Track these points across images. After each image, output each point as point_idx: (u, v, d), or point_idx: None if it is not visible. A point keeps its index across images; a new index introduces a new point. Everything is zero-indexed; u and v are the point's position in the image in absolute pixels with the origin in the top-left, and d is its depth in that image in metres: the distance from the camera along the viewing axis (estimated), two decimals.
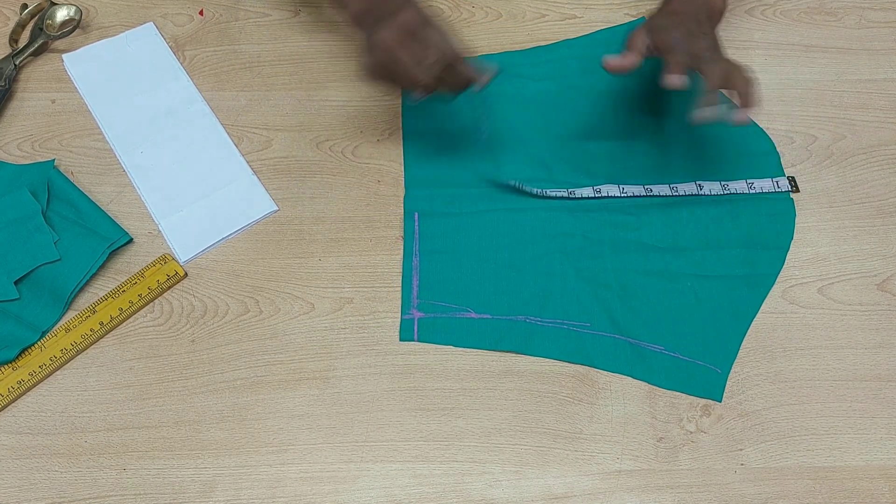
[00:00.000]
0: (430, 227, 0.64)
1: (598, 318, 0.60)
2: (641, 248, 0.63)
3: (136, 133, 0.68)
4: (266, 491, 0.54)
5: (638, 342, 0.59)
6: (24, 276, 0.61)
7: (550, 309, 0.61)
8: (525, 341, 0.59)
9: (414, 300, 0.61)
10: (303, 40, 0.74)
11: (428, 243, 0.63)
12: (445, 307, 0.61)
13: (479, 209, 0.65)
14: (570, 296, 0.61)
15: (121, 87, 0.71)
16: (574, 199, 0.65)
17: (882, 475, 0.55)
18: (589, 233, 0.64)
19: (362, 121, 0.70)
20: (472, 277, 0.62)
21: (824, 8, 0.77)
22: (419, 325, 0.60)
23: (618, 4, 0.77)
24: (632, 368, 0.58)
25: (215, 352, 0.59)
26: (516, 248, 0.63)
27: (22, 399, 0.57)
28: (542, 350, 0.59)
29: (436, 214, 0.64)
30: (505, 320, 0.60)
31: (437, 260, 0.62)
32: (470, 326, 0.60)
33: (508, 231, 0.64)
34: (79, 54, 0.72)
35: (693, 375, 0.58)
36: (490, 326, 0.60)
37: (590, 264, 0.62)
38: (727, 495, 0.54)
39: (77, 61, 0.72)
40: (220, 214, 0.64)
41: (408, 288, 0.61)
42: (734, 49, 0.75)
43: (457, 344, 0.59)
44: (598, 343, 0.59)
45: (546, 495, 0.54)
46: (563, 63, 0.72)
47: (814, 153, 0.69)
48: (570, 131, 0.68)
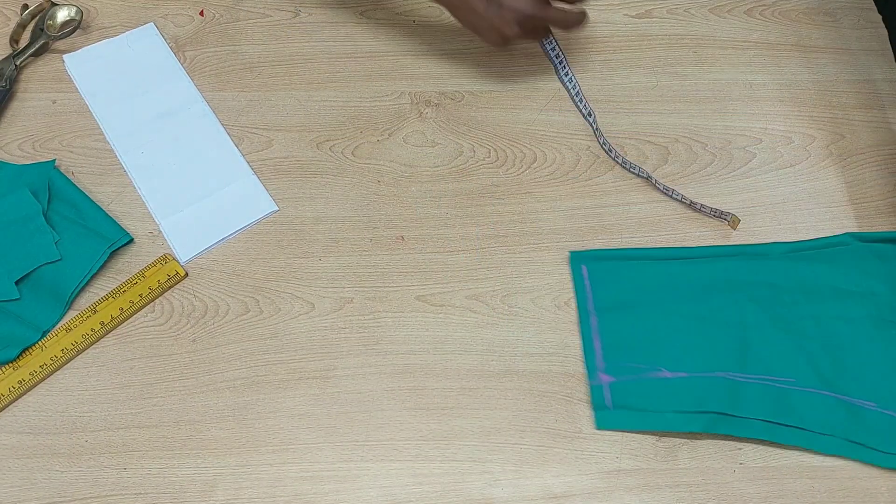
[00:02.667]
0: (601, 276, 0.60)
1: (803, 372, 0.56)
2: (836, 293, 0.59)
3: (137, 133, 0.68)
4: (266, 490, 0.54)
5: (848, 398, 0.55)
6: (24, 276, 0.61)
7: (751, 363, 0.56)
8: (731, 401, 0.55)
9: (599, 363, 0.57)
10: (303, 40, 0.75)
11: (603, 297, 0.59)
12: (635, 367, 0.56)
13: (649, 255, 0.61)
14: (769, 348, 0.57)
15: (121, 87, 0.71)
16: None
17: (881, 474, 0.55)
18: (776, 280, 0.59)
19: (362, 121, 0.70)
20: (657, 333, 0.57)
21: (823, 8, 0.77)
22: (611, 390, 0.55)
23: (617, 4, 0.77)
24: (845, 430, 0.54)
25: (216, 351, 0.59)
26: (700, 298, 0.59)
27: (22, 399, 0.57)
28: (750, 410, 0.54)
29: (604, 258, 0.61)
30: (704, 378, 0.55)
31: (616, 317, 0.58)
32: (666, 387, 0.55)
33: (688, 280, 0.59)
34: (79, 55, 0.72)
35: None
36: (688, 386, 0.55)
37: (784, 312, 0.58)
38: (726, 494, 0.54)
39: (78, 62, 0.72)
40: (220, 214, 0.65)
41: (590, 350, 0.57)
42: (733, 49, 0.75)
43: (656, 409, 0.55)
44: (806, 401, 0.55)
45: (546, 494, 0.54)
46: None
47: (812, 153, 0.69)
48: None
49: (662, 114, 0.71)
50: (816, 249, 0.62)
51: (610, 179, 0.67)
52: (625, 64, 0.74)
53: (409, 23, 0.76)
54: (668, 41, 0.75)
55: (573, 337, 0.60)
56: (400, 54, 0.74)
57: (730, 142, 0.70)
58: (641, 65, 0.74)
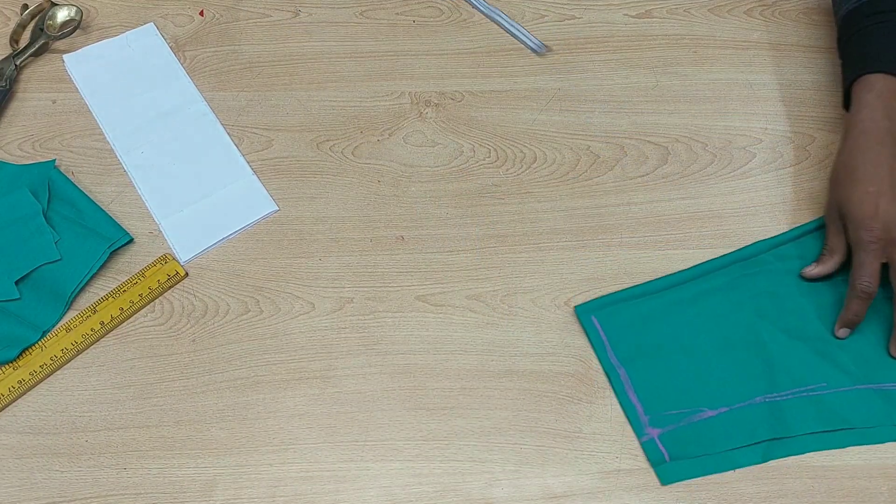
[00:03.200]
0: (613, 324, 0.59)
1: (830, 373, 0.57)
2: (832, 284, 0.60)
3: (137, 133, 0.68)
4: (266, 490, 0.54)
5: (879, 386, 0.56)
6: (24, 276, 0.61)
7: (782, 380, 0.57)
8: (778, 423, 0.55)
9: (642, 417, 0.56)
10: (303, 40, 0.75)
11: (622, 347, 0.58)
12: (678, 414, 0.56)
13: (650, 289, 0.61)
14: (792, 360, 0.57)
15: (122, 87, 0.71)
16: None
17: (881, 474, 0.55)
18: (773, 287, 0.61)
19: (362, 121, 0.70)
20: (686, 373, 0.58)
21: (823, 8, 0.77)
22: (662, 442, 0.55)
23: (617, 4, 0.77)
24: (888, 415, 0.55)
25: (216, 351, 0.59)
26: (712, 327, 0.59)
27: (22, 398, 0.57)
28: (797, 427, 0.55)
29: (609, 304, 0.60)
30: (745, 407, 0.56)
31: (642, 366, 0.58)
32: (714, 427, 0.55)
33: (697, 310, 0.60)
34: (80, 55, 0.73)
35: None
36: (733, 419, 0.56)
37: (793, 320, 0.59)
38: (726, 494, 0.54)
39: (78, 62, 0.72)
40: (220, 214, 0.65)
41: (629, 405, 0.57)
42: (733, 49, 0.75)
43: (712, 451, 0.55)
44: (843, 400, 0.56)
45: (545, 494, 0.54)
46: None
47: (812, 153, 0.69)
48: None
49: (662, 114, 0.71)
50: (796, 240, 0.63)
51: (610, 179, 0.67)
52: (625, 64, 0.74)
53: (409, 23, 0.76)
54: (668, 41, 0.75)
55: (573, 337, 0.60)
56: (400, 54, 0.74)
57: (730, 142, 0.70)
58: (641, 65, 0.74)
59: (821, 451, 0.55)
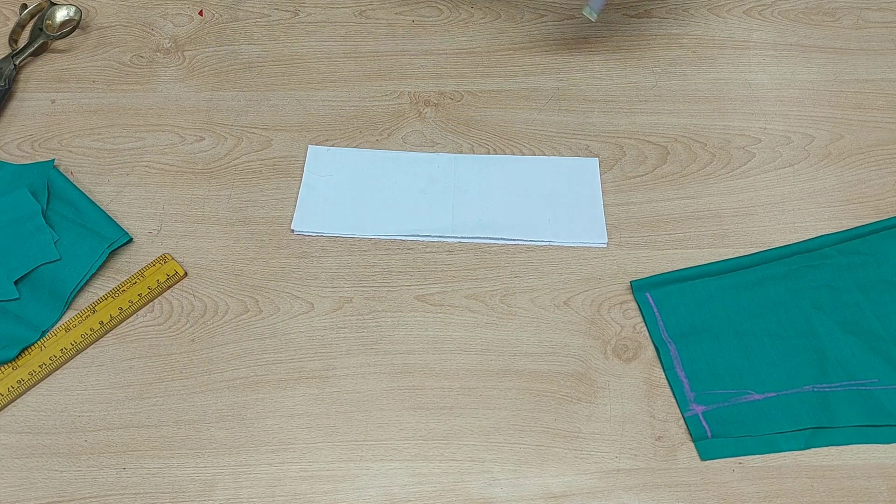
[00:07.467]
0: (667, 301, 0.60)
1: (882, 370, 0.57)
2: (891, 286, 0.60)
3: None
4: (266, 490, 0.54)
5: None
6: (24, 276, 0.61)
7: (833, 372, 0.57)
8: (824, 413, 0.56)
9: (688, 393, 0.57)
10: (302, 40, 0.75)
11: (674, 324, 0.59)
12: (724, 394, 0.57)
13: (707, 271, 0.62)
14: (845, 353, 0.58)
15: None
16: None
17: (880, 474, 0.55)
18: (832, 280, 0.61)
19: (362, 121, 0.70)
20: (736, 355, 0.58)
21: (822, 8, 0.77)
22: (706, 419, 0.56)
23: (617, 4, 0.78)
24: None
25: (215, 351, 0.59)
26: (766, 313, 0.60)
27: (22, 398, 0.57)
28: (843, 419, 0.55)
29: (665, 283, 0.61)
30: (792, 395, 0.56)
31: (693, 344, 0.58)
32: (759, 410, 0.56)
33: (751, 295, 0.60)
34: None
35: None
36: (780, 405, 0.56)
37: (849, 314, 0.59)
38: (725, 494, 0.54)
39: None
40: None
41: (676, 381, 0.57)
42: (732, 49, 0.75)
43: (754, 432, 0.55)
44: (895, 398, 0.56)
45: (545, 494, 0.54)
46: None
47: (811, 153, 0.69)
48: None
49: (661, 113, 0.71)
50: (862, 238, 0.63)
51: (610, 179, 0.67)
52: (624, 64, 0.74)
53: (409, 23, 0.76)
54: (668, 41, 0.76)
55: (572, 337, 0.60)
56: (400, 54, 0.74)
57: (729, 141, 0.70)
58: (641, 65, 0.74)
59: (864, 444, 0.55)
